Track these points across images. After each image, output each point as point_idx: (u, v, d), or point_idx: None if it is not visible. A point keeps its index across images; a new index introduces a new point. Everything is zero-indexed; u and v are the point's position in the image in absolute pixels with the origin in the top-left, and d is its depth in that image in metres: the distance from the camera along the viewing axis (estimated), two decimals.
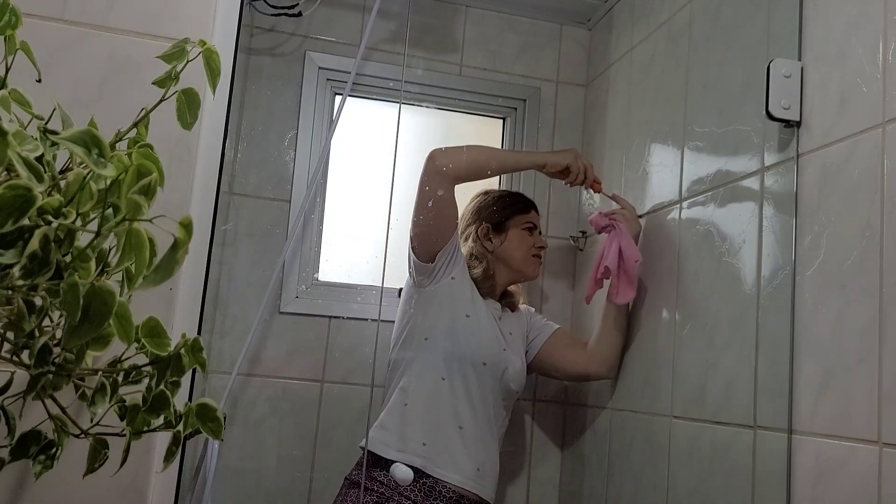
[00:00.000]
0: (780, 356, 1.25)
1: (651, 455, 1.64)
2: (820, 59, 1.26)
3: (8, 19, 0.70)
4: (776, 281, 1.30)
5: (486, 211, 1.84)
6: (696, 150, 1.61)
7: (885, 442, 1.04)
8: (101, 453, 0.74)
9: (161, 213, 0.63)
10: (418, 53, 2.13)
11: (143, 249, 0.61)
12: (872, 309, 1.08)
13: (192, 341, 0.70)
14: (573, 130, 2.21)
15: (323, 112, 2.05)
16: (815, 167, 1.24)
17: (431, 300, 1.70)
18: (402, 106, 1.97)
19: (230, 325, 1.91)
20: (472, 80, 2.16)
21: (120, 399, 0.70)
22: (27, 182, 0.55)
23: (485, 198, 1.87)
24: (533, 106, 2.19)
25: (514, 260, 1.81)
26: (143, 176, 0.61)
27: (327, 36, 2.07)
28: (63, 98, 0.75)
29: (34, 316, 0.59)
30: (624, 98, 1.98)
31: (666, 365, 1.61)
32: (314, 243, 2.01)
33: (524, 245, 1.83)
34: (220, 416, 0.74)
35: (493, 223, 1.82)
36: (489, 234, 1.81)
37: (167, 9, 1.00)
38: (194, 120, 0.76)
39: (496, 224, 1.82)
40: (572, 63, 2.24)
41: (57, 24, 0.97)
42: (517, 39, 2.20)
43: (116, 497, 0.91)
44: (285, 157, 2.01)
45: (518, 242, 1.82)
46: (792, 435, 1.21)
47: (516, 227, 1.83)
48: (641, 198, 1.81)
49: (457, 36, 2.17)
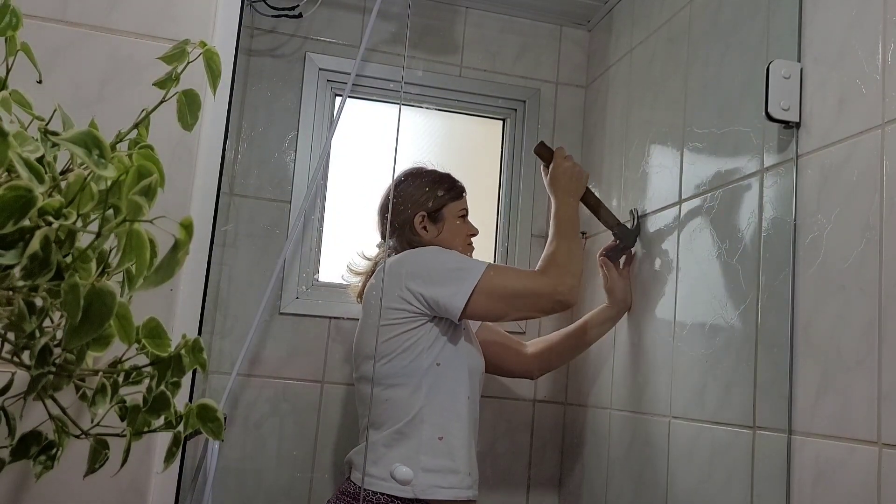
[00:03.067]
0: (780, 356, 1.26)
1: (651, 455, 1.64)
2: (819, 60, 1.26)
3: (9, 20, 0.70)
4: (776, 281, 1.30)
5: (421, 197, 1.71)
6: (695, 151, 1.61)
7: (885, 442, 1.04)
8: (101, 454, 0.74)
9: (162, 213, 0.64)
10: (418, 55, 2.13)
11: (143, 250, 0.61)
12: (872, 309, 1.08)
13: (193, 342, 0.70)
14: (573, 131, 2.21)
15: (323, 113, 2.05)
16: (814, 168, 1.24)
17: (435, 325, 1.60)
18: (402, 107, 1.97)
19: (230, 326, 1.91)
20: (471, 81, 2.16)
21: (120, 400, 0.71)
22: (28, 183, 0.55)
23: (416, 181, 1.73)
24: (533, 107, 2.19)
25: (452, 250, 1.69)
26: (143, 177, 0.61)
27: (327, 37, 2.07)
28: (64, 99, 0.75)
29: (35, 317, 0.59)
30: (623, 99, 1.98)
31: (666, 365, 1.61)
32: (314, 244, 2.01)
33: (461, 234, 1.74)
34: (221, 416, 0.74)
35: (430, 211, 1.70)
36: (425, 223, 1.70)
37: (168, 10, 1.00)
38: (195, 121, 0.76)
39: (432, 212, 1.70)
40: (572, 64, 2.24)
41: (57, 25, 0.97)
42: (517, 41, 2.21)
43: (117, 497, 0.91)
44: (285, 158, 2.01)
45: (456, 231, 1.72)
46: (791, 435, 1.21)
47: (452, 215, 1.73)
48: (641, 199, 1.81)
49: (457, 37, 2.17)
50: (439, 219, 1.71)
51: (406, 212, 1.69)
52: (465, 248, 1.74)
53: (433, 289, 1.57)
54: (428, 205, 1.70)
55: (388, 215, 1.69)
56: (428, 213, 1.70)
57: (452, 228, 1.72)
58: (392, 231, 1.70)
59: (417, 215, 1.69)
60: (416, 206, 1.69)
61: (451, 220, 1.72)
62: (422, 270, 1.59)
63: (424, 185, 1.72)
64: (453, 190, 1.74)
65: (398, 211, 1.69)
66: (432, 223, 1.70)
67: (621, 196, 1.91)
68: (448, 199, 1.72)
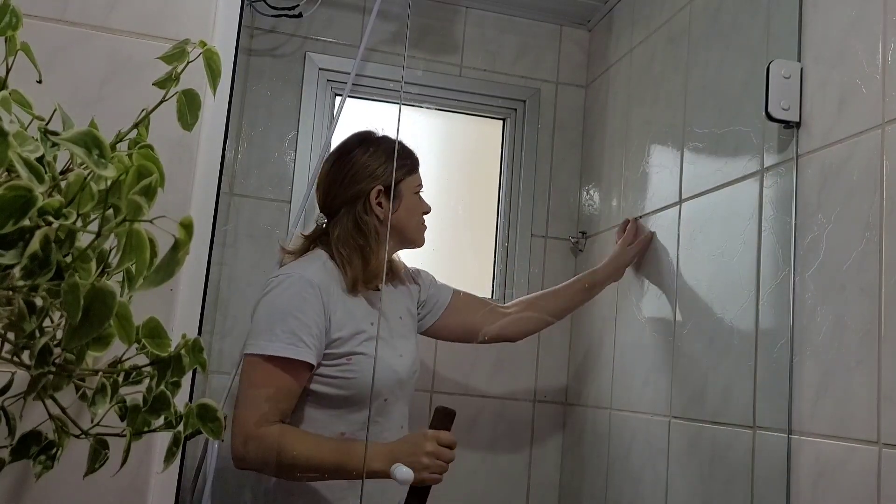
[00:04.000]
0: (780, 356, 1.26)
1: (651, 455, 1.64)
2: (819, 59, 1.26)
3: (9, 20, 0.70)
4: (776, 281, 1.30)
5: (378, 168, 1.49)
6: (695, 150, 1.61)
7: (885, 442, 1.04)
8: (101, 454, 0.74)
9: (161, 213, 0.64)
10: (418, 54, 2.13)
11: (143, 250, 0.61)
12: (872, 309, 1.08)
13: (193, 342, 0.70)
14: (573, 131, 2.21)
15: (323, 113, 2.05)
16: (814, 168, 1.24)
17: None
18: (402, 107, 1.97)
19: (230, 326, 1.91)
20: (471, 81, 2.16)
21: (120, 399, 0.71)
22: (28, 183, 0.55)
23: (370, 149, 1.50)
24: (533, 107, 2.19)
25: (408, 229, 1.54)
26: (143, 177, 0.61)
27: (327, 37, 2.07)
28: (64, 99, 0.75)
29: (35, 316, 0.59)
30: (624, 99, 1.98)
31: (666, 365, 1.61)
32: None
33: (417, 212, 1.55)
34: (221, 416, 0.74)
35: (387, 185, 1.49)
36: (380, 199, 1.49)
37: (168, 10, 1.00)
38: (195, 121, 0.76)
39: (389, 187, 1.49)
40: (572, 64, 2.24)
41: (57, 25, 0.97)
42: (517, 40, 2.21)
43: (116, 497, 0.91)
44: (285, 158, 2.01)
45: (413, 209, 1.54)
46: (791, 435, 1.21)
47: (409, 191, 1.53)
48: (641, 198, 1.81)
49: (457, 37, 2.17)
50: (397, 194, 1.50)
51: (358, 184, 1.47)
52: (419, 227, 1.57)
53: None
54: (386, 177, 1.48)
55: (327, 187, 1.50)
56: (385, 188, 1.49)
57: (409, 206, 1.53)
58: (338, 204, 1.49)
59: (374, 189, 1.48)
60: (372, 178, 1.48)
61: (408, 196, 1.53)
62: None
63: (380, 153, 1.50)
64: (411, 161, 1.55)
65: (348, 181, 1.48)
66: (387, 199, 1.49)
67: (621, 196, 1.91)
68: (406, 173, 1.53)
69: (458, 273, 2.06)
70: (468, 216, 2.14)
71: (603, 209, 2.02)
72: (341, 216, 1.48)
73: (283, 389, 1.37)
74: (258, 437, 1.35)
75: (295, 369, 1.37)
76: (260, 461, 1.37)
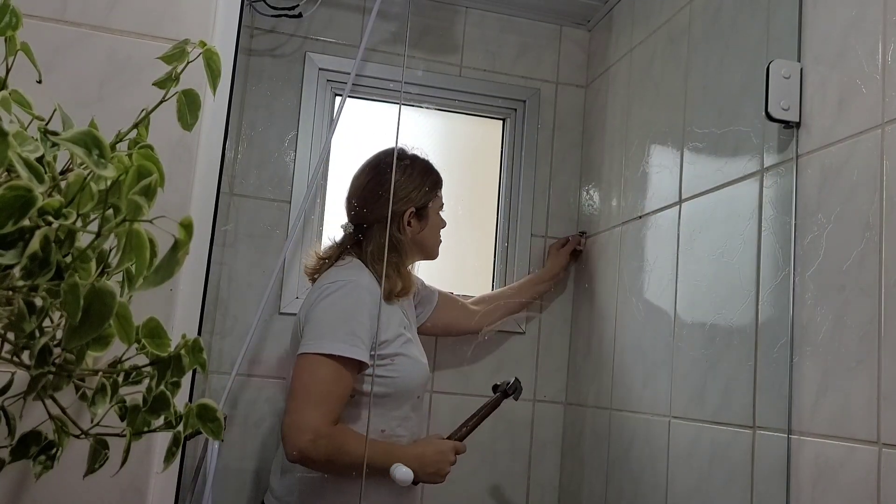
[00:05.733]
0: (780, 356, 1.26)
1: (650, 455, 1.64)
2: (819, 59, 1.26)
3: (8, 20, 0.70)
4: (776, 281, 1.30)
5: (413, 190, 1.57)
6: (695, 150, 1.61)
7: (885, 442, 1.04)
8: (101, 454, 0.74)
9: (161, 213, 0.64)
10: (418, 54, 2.13)
11: (143, 250, 0.61)
12: (872, 309, 1.08)
13: (193, 342, 0.70)
14: (573, 131, 2.21)
15: (323, 113, 2.05)
16: (814, 168, 1.24)
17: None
18: (402, 107, 1.97)
19: (230, 326, 1.91)
20: (471, 81, 2.16)
21: (120, 399, 0.70)
22: (28, 183, 0.55)
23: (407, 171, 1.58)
24: (533, 107, 2.19)
25: (429, 245, 1.64)
26: (143, 177, 0.61)
27: (327, 37, 2.07)
28: (63, 99, 0.75)
29: (34, 316, 0.59)
30: (623, 99, 1.98)
31: (665, 365, 1.61)
32: (314, 243, 2.01)
33: (438, 230, 1.65)
34: (221, 416, 0.74)
35: (419, 206, 1.58)
36: (411, 219, 1.58)
37: (167, 10, 1.00)
38: (195, 121, 0.76)
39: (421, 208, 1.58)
40: (572, 64, 2.24)
41: (57, 25, 0.97)
42: (517, 40, 2.21)
43: (116, 497, 0.91)
44: (285, 158, 2.01)
45: (435, 228, 1.63)
46: (791, 435, 1.21)
47: (435, 211, 1.63)
48: (641, 198, 1.81)
49: (457, 37, 2.17)
50: (424, 215, 1.60)
51: (394, 204, 1.55)
52: (437, 243, 1.66)
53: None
54: (418, 200, 1.58)
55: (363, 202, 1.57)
56: (417, 209, 1.59)
57: (434, 224, 1.63)
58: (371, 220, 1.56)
59: (408, 211, 1.57)
60: (407, 200, 1.57)
61: (433, 216, 1.63)
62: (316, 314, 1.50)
63: (416, 176, 1.59)
64: (438, 181, 1.64)
65: (384, 201, 1.54)
66: (418, 220, 1.59)
67: (621, 196, 1.91)
68: (433, 194, 1.62)
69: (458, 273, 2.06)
70: (468, 216, 2.14)
71: (603, 209, 2.02)
72: (374, 232, 1.56)
73: (346, 388, 1.45)
74: (329, 434, 1.41)
75: (353, 369, 1.46)
76: (327, 459, 1.42)
